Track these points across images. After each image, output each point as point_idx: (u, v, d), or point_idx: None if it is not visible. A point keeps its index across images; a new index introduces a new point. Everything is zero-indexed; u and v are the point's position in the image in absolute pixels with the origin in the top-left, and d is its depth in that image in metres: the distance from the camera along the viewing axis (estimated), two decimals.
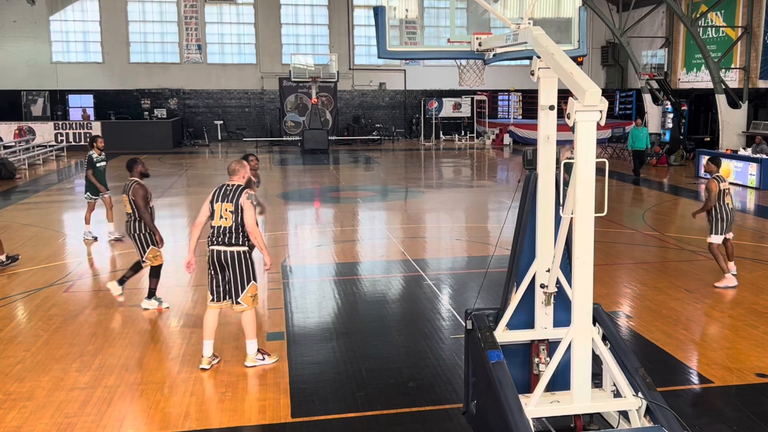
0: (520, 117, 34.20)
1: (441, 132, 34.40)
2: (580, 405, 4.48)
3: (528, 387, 5.04)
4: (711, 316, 8.23)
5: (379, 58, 5.56)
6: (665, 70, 28.43)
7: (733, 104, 24.29)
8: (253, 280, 6.58)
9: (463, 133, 34.21)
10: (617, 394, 4.68)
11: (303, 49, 33.47)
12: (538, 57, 4.57)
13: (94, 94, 32.37)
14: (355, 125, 33.80)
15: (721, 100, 23.94)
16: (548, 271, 4.80)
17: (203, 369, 6.59)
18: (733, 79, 25.67)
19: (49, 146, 27.76)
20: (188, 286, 9.39)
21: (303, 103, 31.81)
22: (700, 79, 27.91)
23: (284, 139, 32.02)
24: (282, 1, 33.69)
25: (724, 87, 24.04)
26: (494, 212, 15.70)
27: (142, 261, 8.38)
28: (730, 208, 9.29)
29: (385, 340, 7.51)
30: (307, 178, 21.37)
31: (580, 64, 25.18)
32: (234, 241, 6.48)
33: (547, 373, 4.54)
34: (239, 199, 6.49)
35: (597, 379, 4.80)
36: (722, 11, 26.19)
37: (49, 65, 31.90)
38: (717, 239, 9.25)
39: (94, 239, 12.19)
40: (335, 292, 9.20)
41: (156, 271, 8.41)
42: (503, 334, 4.96)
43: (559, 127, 4.77)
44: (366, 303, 8.83)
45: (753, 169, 18.50)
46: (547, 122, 4.70)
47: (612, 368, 4.57)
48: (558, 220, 4.78)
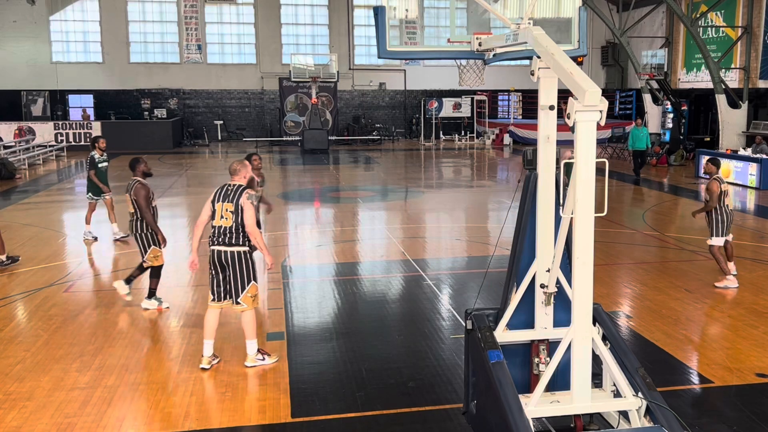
0: (520, 117, 34.20)
1: (441, 132, 34.40)
2: (580, 405, 4.48)
3: (528, 387, 5.04)
4: (711, 316, 8.24)
5: (379, 58, 5.56)
6: (665, 70, 28.43)
7: (733, 104, 24.29)
8: (254, 280, 6.59)
9: (463, 133, 34.21)
10: (617, 394, 4.68)
11: (303, 49, 33.47)
12: (538, 57, 4.58)
13: (94, 94, 32.38)
14: (355, 125, 33.80)
15: (721, 100, 23.95)
16: (548, 271, 4.81)
17: (203, 369, 6.59)
18: (733, 79, 25.68)
19: (49, 146, 27.77)
20: (188, 286, 9.40)
21: (303, 103, 31.81)
22: (700, 79, 27.91)
23: (284, 139, 32.02)
24: (282, 1, 33.70)
25: (724, 87, 24.04)
26: (494, 212, 15.70)
27: (143, 261, 8.39)
28: (729, 210, 9.29)
29: (385, 340, 7.51)
30: (307, 178, 21.38)
31: (580, 64, 25.18)
32: (234, 242, 6.49)
33: (547, 373, 4.54)
34: (239, 200, 6.50)
35: (597, 379, 4.80)
36: (722, 11, 26.19)
37: (49, 65, 31.90)
38: (718, 241, 9.24)
39: (94, 239, 12.20)
40: (335, 292, 9.20)
41: (156, 271, 8.41)
42: (503, 334, 4.96)
43: (559, 127, 4.78)
44: (366, 303, 8.83)
45: (753, 169, 18.51)
46: (547, 122, 4.71)
47: (612, 368, 4.57)
48: (558, 220, 4.78)
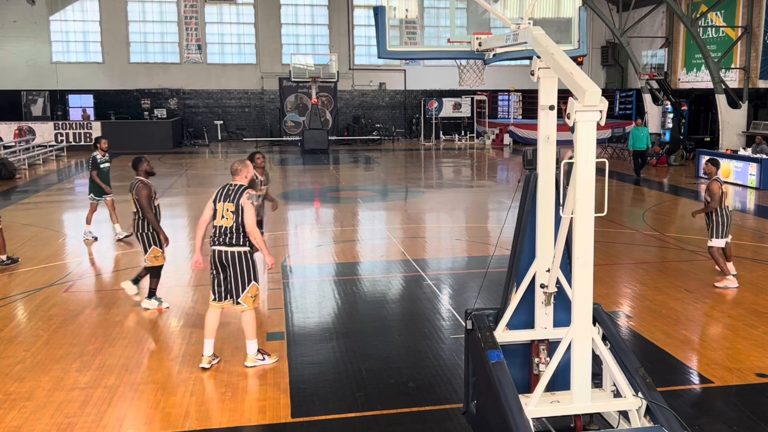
0: (520, 117, 34.20)
1: (441, 132, 34.40)
2: (580, 405, 4.48)
3: (528, 387, 5.04)
4: (711, 316, 8.23)
5: (379, 58, 5.56)
6: (665, 70, 28.43)
7: (733, 104, 24.29)
8: (254, 280, 6.58)
9: (463, 133, 34.20)
10: (617, 394, 4.68)
11: (303, 49, 33.47)
12: (538, 57, 4.58)
13: (94, 94, 32.38)
14: (355, 125, 33.80)
15: (721, 100, 23.94)
16: (548, 271, 4.81)
17: (203, 368, 6.59)
18: (733, 79, 25.67)
19: (49, 146, 27.77)
20: (188, 286, 9.40)
21: (303, 103, 31.81)
22: (700, 79, 27.91)
23: (284, 139, 32.02)
24: (282, 1, 33.69)
25: (724, 87, 24.04)
26: (494, 212, 15.70)
27: (144, 260, 8.39)
28: (729, 211, 9.28)
29: (385, 340, 7.51)
30: (307, 178, 21.38)
31: (580, 64, 25.19)
32: (235, 242, 6.49)
33: (547, 373, 4.54)
34: (240, 200, 6.50)
35: (597, 379, 4.80)
36: (722, 11, 26.19)
37: (49, 65, 31.90)
38: (719, 243, 9.21)
39: (94, 239, 12.19)
40: (335, 292, 9.20)
41: (156, 271, 8.41)
42: (503, 334, 4.96)
43: (559, 127, 4.78)
44: (366, 303, 8.83)
45: (753, 169, 18.50)
46: (547, 122, 4.71)
47: (612, 368, 4.57)
48: (558, 220, 4.78)
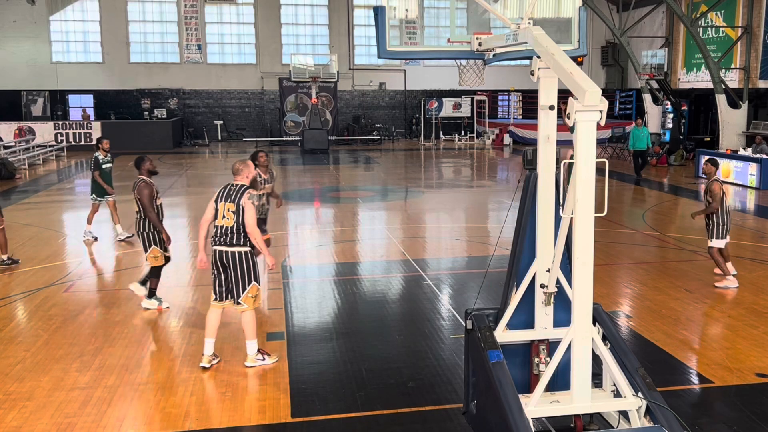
0: (520, 117, 34.20)
1: (441, 132, 34.40)
2: (580, 405, 4.48)
3: (528, 387, 5.04)
4: (711, 316, 8.23)
5: (379, 58, 5.56)
6: (665, 70, 28.44)
7: (733, 104, 24.29)
8: (255, 281, 6.57)
9: (463, 133, 34.21)
10: (617, 394, 4.68)
11: (303, 49, 33.48)
12: (538, 57, 4.58)
13: (94, 94, 32.38)
14: (355, 125, 33.80)
15: (721, 100, 23.94)
16: (548, 271, 4.81)
17: (203, 368, 6.59)
18: (733, 79, 25.67)
19: (49, 146, 27.77)
20: (188, 286, 9.40)
21: (303, 103, 31.81)
22: (700, 79, 27.91)
23: (284, 139, 32.02)
24: (282, 1, 33.70)
25: (724, 87, 24.04)
26: (494, 212, 15.70)
27: (145, 260, 8.41)
28: (729, 211, 9.27)
29: (385, 340, 7.51)
30: (307, 178, 21.38)
31: (580, 64, 25.19)
32: (235, 242, 6.48)
33: (547, 373, 4.54)
34: (241, 200, 6.49)
35: (597, 379, 4.80)
36: (722, 11, 26.19)
37: (49, 65, 31.90)
38: (719, 243, 9.18)
39: (94, 239, 12.19)
40: (335, 292, 9.20)
41: (157, 271, 8.41)
42: (503, 334, 4.96)
43: (559, 127, 4.78)
44: (366, 303, 8.83)
45: (753, 169, 18.50)
46: (547, 122, 4.71)
47: (612, 368, 4.57)
48: (558, 220, 4.78)
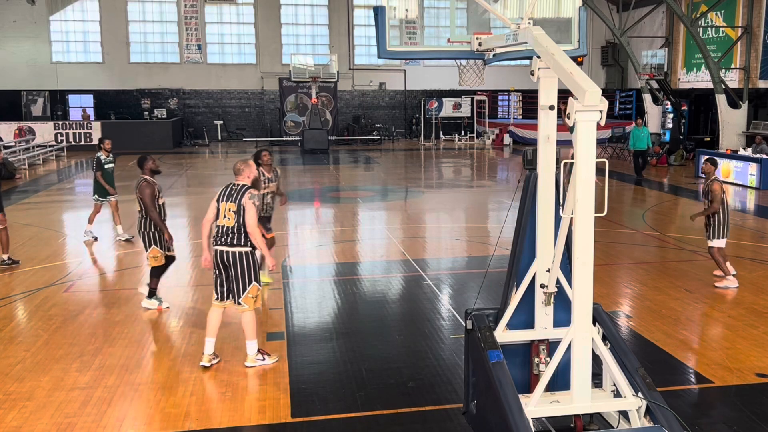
0: (520, 117, 34.21)
1: (441, 132, 34.40)
2: (580, 405, 4.48)
3: (528, 387, 5.04)
4: (711, 316, 8.23)
5: (379, 58, 5.56)
6: (665, 70, 28.43)
7: (733, 104, 24.29)
8: (255, 281, 6.57)
9: (463, 133, 34.21)
10: (617, 394, 4.68)
11: (303, 49, 33.47)
12: (538, 57, 4.58)
13: (94, 94, 32.38)
14: (355, 125, 33.80)
15: (721, 100, 23.94)
16: (548, 271, 4.81)
17: (203, 366, 6.59)
18: (733, 79, 25.67)
19: (49, 146, 27.77)
20: (188, 286, 9.40)
21: (303, 103, 31.81)
22: (700, 79, 27.91)
23: (284, 139, 32.02)
24: (282, 1, 33.69)
25: (724, 87, 24.04)
26: (494, 212, 15.70)
27: (146, 259, 8.43)
28: (729, 210, 9.26)
29: (385, 340, 7.51)
30: (307, 178, 21.37)
31: (580, 64, 25.18)
32: (236, 242, 6.47)
33: (547, 373, 4.54)
34: (242, 200, 6.49)
35: (597, 379, 4.80)
36: (722, 11, 26.19)
37: (49, 65, 31.90)
38: (720, 243, 9.16)
39: (94, 239, 12.19)
40: (335, 292, 9.20)
41: (157, 271, 8.42)
42: (503, 334, 4.96)
43: (559, 127, 4.78)
44: (366, 303, 8.83)
45: (753, 169, 18.50)
46: (547, 122, 4.71)
47: (612, 368, 4.57)
48: (558, 220, 4.78)
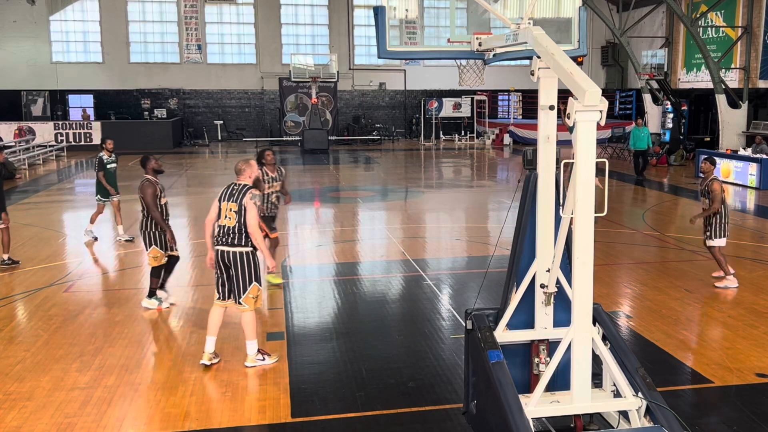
0: (520, 117, 34.21)
1: (441, 132, 34.40)
2: (580, 405, 4.48)
3: (528, 387, 5.04)
4: (711, 316, 8.23)
5: (379, 58, 5.56)
6: (665, 70, 28.43)
7: (733, 104, 24.29)
8: (256, 281, 6.56)
9: (463, 133, 34.21)
10: (617, 394, 4.68)
11: (303, 49, 33.48)
12: (538, 57, 4.58)
13: (94, 94, 32.38)
14: (355, 125, 33.80)
15: (721, 100, 23.94)
16: (548, 271, 4.81)
17: (204, 364, 6.60)
18: (733, 79, 25.67)
19: (49, 146, 27.77)
20: (188, 286, 9.40)
21: (303, 103, 31.81)
22: (700, 79, 27.91)
23: (284, 139, 32.02)
24: (282, 1, 33.70)
25: (724, 87, 24.04)
26: (494, 212, 15.70)
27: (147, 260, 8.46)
28: (728, 209, 9.25)
29: (385, 340, 7.51)
30: (307, 178, 21.37)
31: (580, 64, 25.18)
32: (237, 242, 6.47)
33: (547, 373, 4.54)
34: (243, 200, 6.48)
35: (597, 379, 4.80)
36: (722, 11, 26.19)
37: (49, 65, 31.90)
38: (721, 242, 9.15)
39: (95, 239, 12.18)
40: (335, 292, 9.20)
41: (157, 271, 8.42)
42: (503, 334, 4.96)
43: (559, 127, 4.78)
44: (366, 303, 8.83)
45: (753, 169, 18.50)
46: (547, 122, 4.71)
47: (612, 368, 4.57)
48: (558, 220, 4.78)
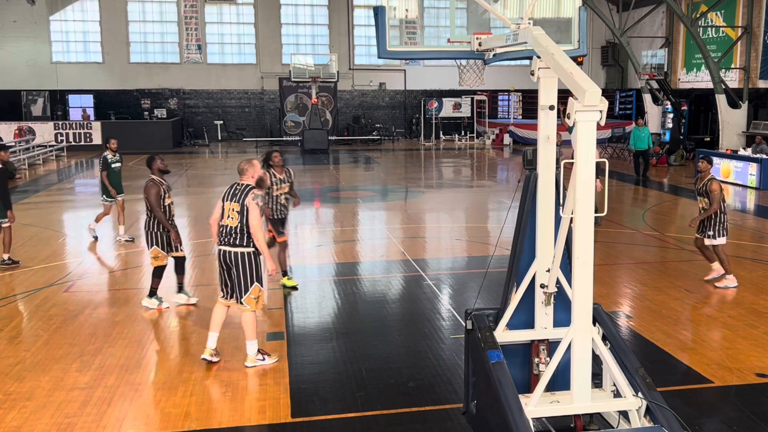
0: (520, 117, 34.21)
1: (441, 132, 34.40)
2: (580, 405, 4.48)
3: (528, 387, 5.05)
4: (711, 316, 8.23)
5: (379, 58, 5.56)
6: (665, 70, 28.44)
7: (733, 104, 24.29)
8: (257, 282, 6.55)
9: (463, 133, 34.21)
10: (617, 394, 4.68)
11: (303, 49, 33.48)
12: (538, 57, 4.58)
13: (94, 94, 32.38)
14: (355, 125, 33.80)
15: (721, 100, 23.94)
16: (548, 271, 4.81)
17: (204, 359, 6.62)
18: (733, 79, 25.67)
19: (49, 146, 27.78)
20: (188, 286, 9.39)
21: (303, 103, 31.81)
22: (700, 79, 27.91)
23: (284, 139, 32.02)
24: (282, 1, 33.70)
25: (724, 87, 24.04)
26: (494, 212, 15.70)
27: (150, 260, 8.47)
28: (726, 209, 9.23)
29: (385, 340, 7.51)
30: (307, 178, 21.36)
31: (580, 64, 25.18)
32: (239, 242, 6.46)
33: (547, 373, 4.54)
34: (245, 200, 6.47)
35: (597, 379, 4.80)
36: (722, 11, 26.19)
37: (49, 65, 31.90)
38: (722, 241, 9.13)
39: (95, 239, 12.17)
40: (335, 292, 9.20)
41: (159, 271, 8.42)
42: (503, 334, 4.96)
43: (559, 127, 4.78)
44: (366, 303, 8.83)
45: (753, 169, 18.50)
46: (547, 122, 4.71)
47: (612, 368, 4.57)
48: (558, 220, 4.78)
